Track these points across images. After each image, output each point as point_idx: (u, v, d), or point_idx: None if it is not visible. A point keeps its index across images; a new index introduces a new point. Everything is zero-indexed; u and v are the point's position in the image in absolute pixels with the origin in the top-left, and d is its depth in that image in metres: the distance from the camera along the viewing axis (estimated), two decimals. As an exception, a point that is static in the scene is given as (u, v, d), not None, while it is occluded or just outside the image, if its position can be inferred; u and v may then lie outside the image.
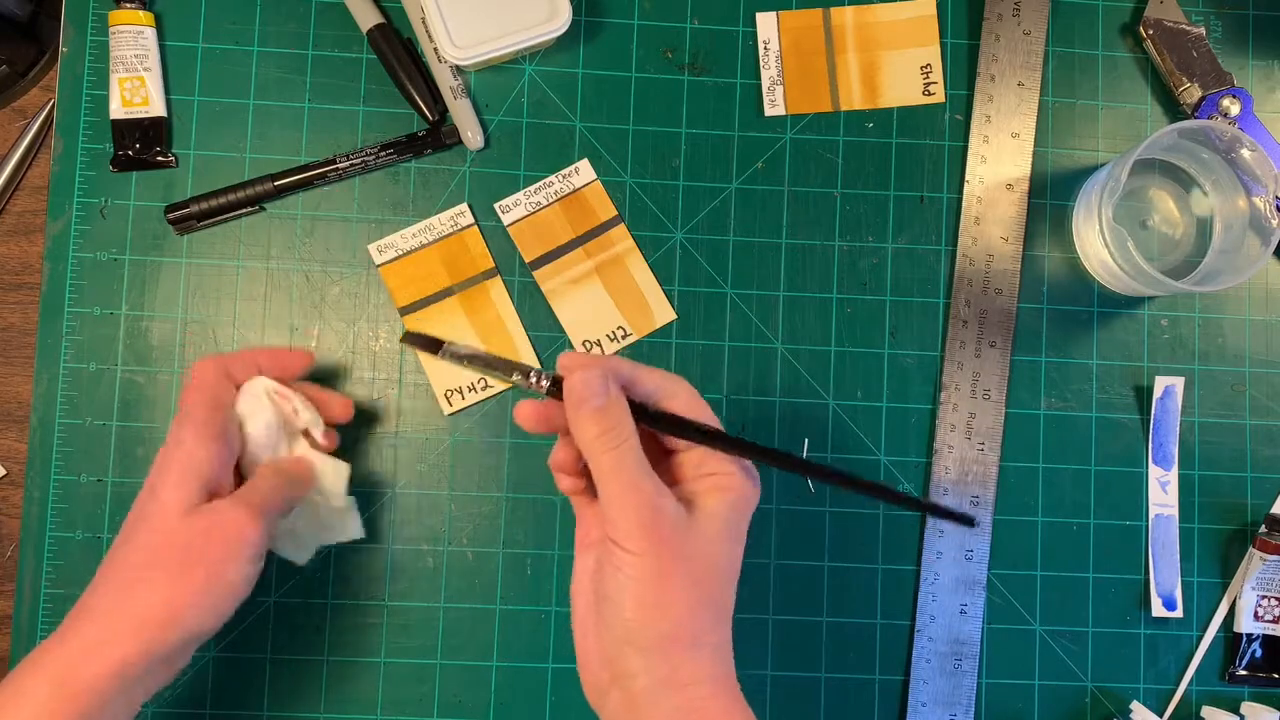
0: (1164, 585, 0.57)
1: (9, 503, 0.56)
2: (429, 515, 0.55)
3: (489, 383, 0.56)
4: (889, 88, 0.58)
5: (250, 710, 0.54)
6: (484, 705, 0.55)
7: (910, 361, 0.57)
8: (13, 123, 0.57)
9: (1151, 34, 0.58)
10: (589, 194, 0.57)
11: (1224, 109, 0.57)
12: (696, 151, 0.58)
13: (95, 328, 0.55)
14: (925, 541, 0.56)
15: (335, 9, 0.57)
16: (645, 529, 0.36)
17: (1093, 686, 0.57)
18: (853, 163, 0.58)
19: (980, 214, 0.58)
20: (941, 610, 0.56)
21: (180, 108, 0.56)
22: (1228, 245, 0.57)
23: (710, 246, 0.57)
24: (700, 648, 0.37)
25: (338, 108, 0.56)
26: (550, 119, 0.57)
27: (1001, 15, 0.58)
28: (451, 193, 0.57)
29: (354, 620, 0.55)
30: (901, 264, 0.58)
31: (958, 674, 0.56)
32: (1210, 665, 0.57)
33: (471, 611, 0.55)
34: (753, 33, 0.58)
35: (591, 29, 0.58)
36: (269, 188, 0.55)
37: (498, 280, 0.56)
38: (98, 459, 0.54)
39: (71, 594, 0.53)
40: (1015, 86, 0.58)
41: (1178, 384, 0.57)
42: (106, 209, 0.55)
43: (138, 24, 0.55)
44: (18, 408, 0.56)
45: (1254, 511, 0.58)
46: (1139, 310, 0.58)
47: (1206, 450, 0.58)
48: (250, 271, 0.56)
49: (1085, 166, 0.59)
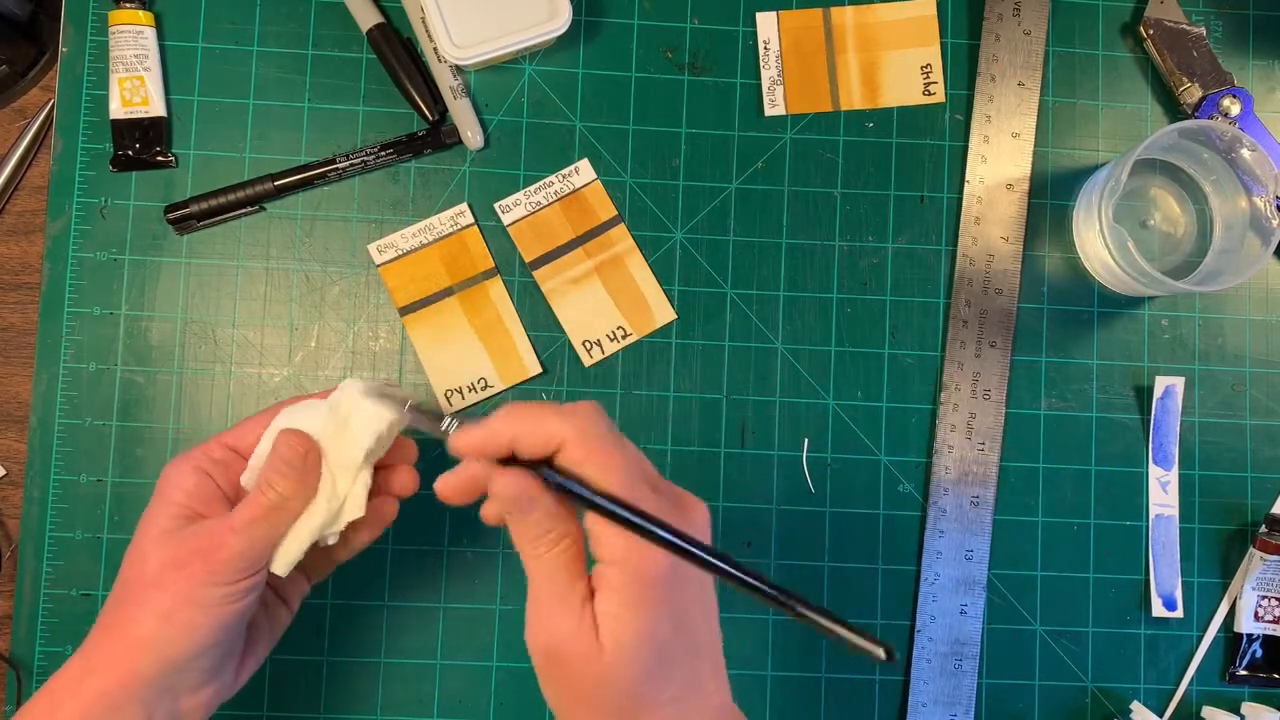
0: (1164, 585, 0.57)
1: (9, 503, 0.56)
2: (429, 515, 0.55)
3: (489, 383, 0.56)
4: (889, 88, 0.58)
5: (250, 710, 0.54)
6: (484, 705, 0.55)
7: (910, 361, 0.57)
8: (13, 123, 0.57)
9: (1152, 34, 0.58)
10: (589, 194, 0.57)
11: (1224, 109, 0.57)
12: (696, 151, 0.58)
13: (95, 328, 0.55)
14: (925, 541, 0.56)
15: (335, 9, 0.57)
16: (552, 658, 0.35)
17: (1093, 686, 0.56)
18: (853, 163, 0.58)
19: (980, 214, 0.58)
20: (941, 610, 0.56)
21: (180, 108, 0.56)
22: (1228, 245, 0.57)
23: (710, 246, 0.57)
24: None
25: (338, 108, 0.56)
26: (550, 119, 0.57)
27: (1001, 15, 0.58)
28: (451, 193, 0.57)
29: (354, 620, 0.54)
30: (901, 264, 0.58)
31: (958, 674, 0.56)
32: (1210, 665, 0.57)
33: (471, 611, 0.55)
34: (753, 33, 0.58)
35: (591, 29, 0.58)
36: (269, 188, 0.55)
37: (498, 280, 0.56)
38: (98, 459, 0.54)
39: (71, 594, 0.53)
40: (1015, 86, 0.58)
41: (1178, 384, 0.57)
42: (106, 209, 0.55)
43: (138, 24, 0.55)
44: (18, 408, 0.56)
45: (1254, 511, 0.58)
46: (1139, 310, 0.58)
47: (1206, 450, 0.58)
48: (250, 271, 0.56)
49: (1085, 166, 0.59)
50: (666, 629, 0.34)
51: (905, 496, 0.57)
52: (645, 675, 0.33)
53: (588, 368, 0.56)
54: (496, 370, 0.56)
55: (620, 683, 0.33)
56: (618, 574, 0.34)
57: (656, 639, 0.33)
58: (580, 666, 0.34)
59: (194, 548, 0.41)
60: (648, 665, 0.33)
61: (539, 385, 0.56)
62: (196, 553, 0.40)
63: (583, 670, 0.34)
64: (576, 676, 0.34)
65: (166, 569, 0.40)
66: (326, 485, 0.43)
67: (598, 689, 0.34)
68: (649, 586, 0.34)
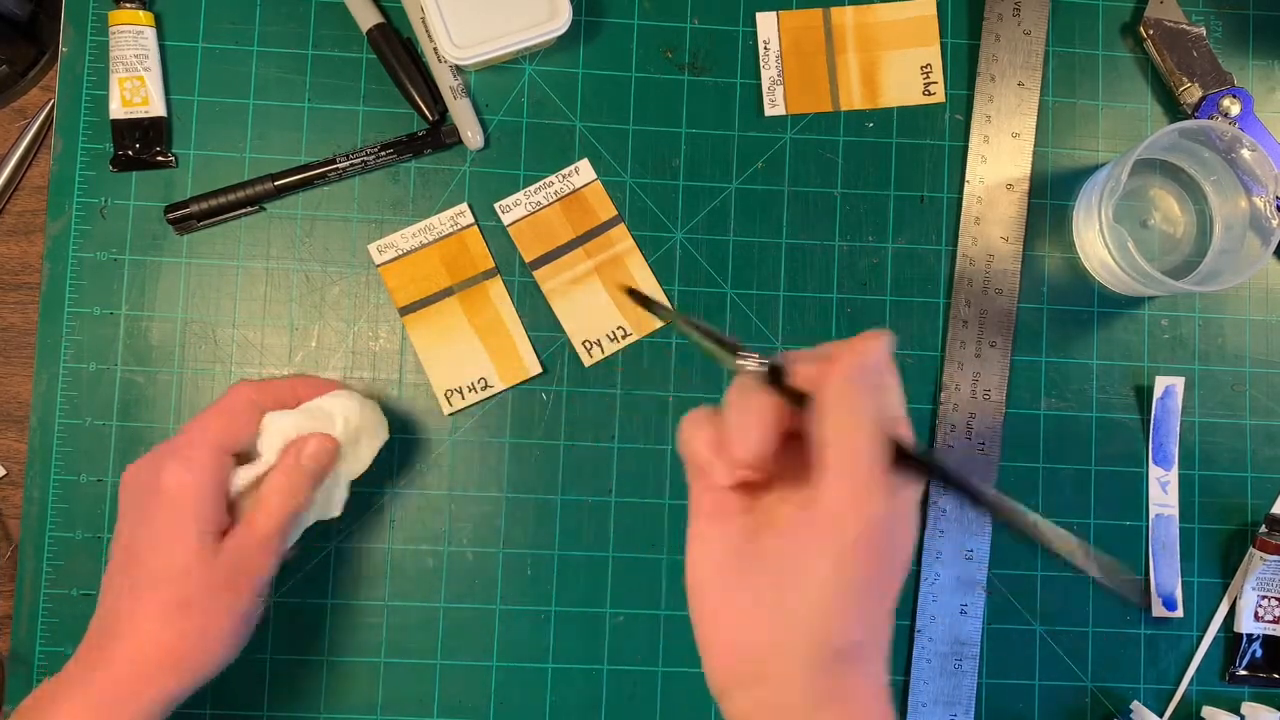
0: (1164, 585, 0.57)
1: (9, 503, 0.56)
2: (429, 515, 0.55)
3: (489, 383, 0.56)
4: (889, 88, 0.58)
5: (250, 710, 0.54)
6: (484, 705, 0.55)
7: (910, 361, 0.57)
8: (13, 123, 0.57)
9: (1151, 34, 0.58)
10: (589, 194, 0.57)
11: (1224, 109, 0.57)
12: (696, 151, 0.58)
13: (95, 328, 0.55)
14: (925, 541, 0.56)
15: (335, 9, 0.57)
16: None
17: (1093, 686, 0.57)
18: (853, 163, 0.58)
19: (980, 214, 0.58)
20: (942, 610, 0.56)
21: (180, 108, 0.56)
22: (1228, 245, 0.57)
23: (710, 246, 0.57)
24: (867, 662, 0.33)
25: (338, 108, 0.56)
26: (550, 119, 0.57)
27: (1001, 15, 0.58)
28: (451, 193, 0.57)
29: (354, 620, 0.55)
30: (901, 264, 0.58)
31: (958, 674, 0.56)
32: (1210, 665, 0.57)
33: (471, 611, 0.55)
34: (753, 33, 0.58)
35: (591, 29, 0.58)
36: (269, 188, 0.55)
37: (498, 280, 0.56)
38: (98, 459, 0.54)
39: (71, 594, 0.53)
40: (1015, 86, 0.58)
41: (1178, 384, 0.57)
42: (106, 209, 0.55)
43: (138, 24, 0.55)
44: (18, 408, 0.56)
45: (1254, 511, 0.58)
46: (1139, 310, 0.58)
47: (1206, 450, 0.58)
48: (250, 271, 0.56)
49: (1085, 166, 0.59)
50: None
51: (905, 496, 0.57)
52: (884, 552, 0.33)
53: (588, 368, 0.56)
54: (496, 370, 0.56)
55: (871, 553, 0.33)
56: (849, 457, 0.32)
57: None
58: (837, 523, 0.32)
59: (238, 567, 0.42)
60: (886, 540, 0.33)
61: (539, 385, 0.56)
62: (242, 573, 0.43)
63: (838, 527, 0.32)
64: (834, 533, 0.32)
65: (219, 591, 0.42)
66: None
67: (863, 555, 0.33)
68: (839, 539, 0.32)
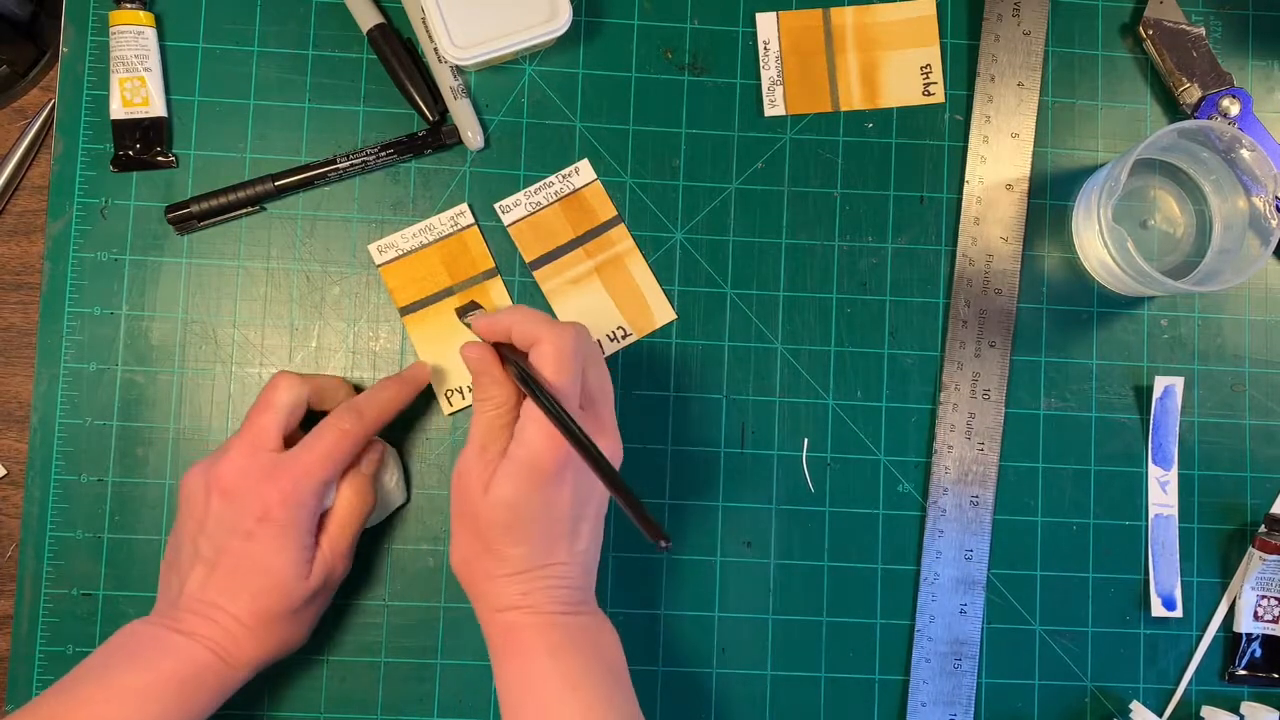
0: (1164, 585, 0.57)
1: (9, 503, 0.56)
2: (429, 515, 0.55)
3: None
4: (889, 88, 0.58)
5: (250, 710, 0.54)
6: (484, 705, 0.55)
7: (910, 361, 0.57)
8: (13, 123, 0.57)
9: (1151, 34, 0.58)
10: (589, 194, 0.57)
11: (1224, 109, 0.57)
12: (696, 151, 0.58)
13: (95, 328, 0.55)
14: (925, 541, 0.56)
15: (335, 9, 0.57)
16: (458, 478, 0.46)
17: (1093, 686, 0.57)
18: (853, 163, 0.58)
19: (980, 214, 0.58)
20: (941, 610, 0.56)
21: (180, 108, 0.56)
22: (1227, 245, 0.57)
23: (710, 246, 0.57)
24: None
25: (338, 108, 0.57)
26: (550, 119, 0.57)
27: (1001, 15, 0.58)
28: (451, 193, 0.57)
29: (354, 620, 0.55)
30: (901, 264, 0.58)
31: (958, 674, 0.56)
32: (1210, 665, 0.57)
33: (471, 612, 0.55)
34: (753, 33, 0.58)
35: (591, 29, 0.58)
36: (269, 188, 0.55)
37: (498, 280, 0.56)
38: (98, 459, 0.54)
39: (72, 594, 0.53)
40: (1015, 86, 0.58)
41: (1177, 384, 0.57)
42: (107, 209, 0.55)
43: (138, 24, 0.55)
44: (18, 408, 0.56)
45: (1254, 511, 0.58)
46: (1139, 310, 0.58)
47: (1206, 450, 0.58)
48: (250, 271, 0.56)
49: (1085, 166, 0.59)
50: (535, 504, 0.44)
51: (905, 496, 0.57)
52: (503, 526, 0.44)
53: (588, 368, 0.56)
54: (496, 370, 0.56)
55: (483, 520, 0.44)
56: (519, 452, 0.44)
57: (520, 507, 0.44)
58: (468, 495, 0.45)
59: (325, 583, 0.50)
60: (507, 520, 0.44)
61: (539, 385, 0.56)
62: (328, 588, 0.50)
63: (467, 498, 0.45)
64: (462, 500, 0.46)
65: (310, 603, 0.49)
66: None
67: (472, 517, 0.45)
68: (534, 472, 0.43)
